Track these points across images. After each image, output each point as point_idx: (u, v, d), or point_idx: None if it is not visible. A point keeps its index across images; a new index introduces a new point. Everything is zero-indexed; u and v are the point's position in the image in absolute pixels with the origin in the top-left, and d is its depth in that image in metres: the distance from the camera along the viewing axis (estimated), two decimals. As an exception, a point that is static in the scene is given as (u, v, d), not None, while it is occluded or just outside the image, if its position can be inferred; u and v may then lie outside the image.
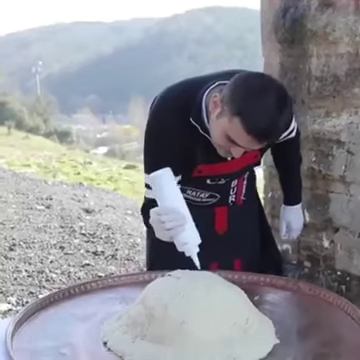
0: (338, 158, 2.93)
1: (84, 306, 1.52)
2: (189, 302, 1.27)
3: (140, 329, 1.29)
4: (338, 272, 3.09)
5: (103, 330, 1.37)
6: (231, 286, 1.39)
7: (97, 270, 3.66)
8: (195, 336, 1.24)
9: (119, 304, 1.54)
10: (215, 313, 1.27)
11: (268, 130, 1.42)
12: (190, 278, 1.35)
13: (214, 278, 1.38)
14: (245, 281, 1.67)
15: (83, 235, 4.41)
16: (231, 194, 1.79)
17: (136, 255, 3.93)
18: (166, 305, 1.27)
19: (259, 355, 1.25)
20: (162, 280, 1.37)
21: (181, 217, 1.41)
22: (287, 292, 1.60)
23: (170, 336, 1.24)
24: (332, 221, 3.02)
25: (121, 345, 1.28)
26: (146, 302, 1.31)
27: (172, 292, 1.29)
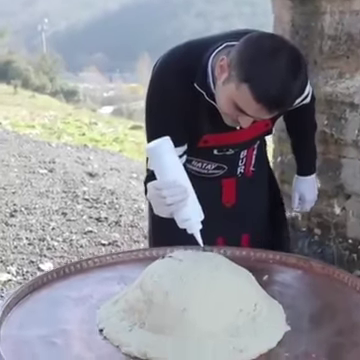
0: (351, 122, 2.79)
1: (79, 287, 1.41)
2: (191, 288, 1.16)
3: (138, 316, 1.18)
4: (349, 240, 2.99)
5: (99, 316, 1.26)
6: (237, 268, 1.27)
7: (100, 237, 3.56)
8: (198, 325, 1.13)
9: (117, 284, 1.43)
10: (220, 300, 1.15)
11: (280, 98, 1.28)
12: (192, 261, 1.23)
13: (219, 260, 1.26)
14: (253, 258, 1.56)
15: (86, 200, 4.30)
16: (240, 165, 1.67)
17: (140, 221, 3.83)
18: (167, 291, 1.15)
19: (268, 345, 1.14)
20: (162, 263, 1.25)
21: (182, 191, 1.29)
22: (298, 271, 1.48)
23: (171, 325, 1.13)
24: (344, 187, 2.91)
25: (118, 333, 1.18)
26: (145, 287, 1.20)
27: (173, 277, 1.18)
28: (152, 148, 1.31)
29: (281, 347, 1.14)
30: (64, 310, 1.30)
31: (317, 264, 1.48)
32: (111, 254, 1.58)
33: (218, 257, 1.27)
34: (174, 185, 1.28)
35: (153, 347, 1.11)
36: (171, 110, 1.46)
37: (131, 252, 1.60)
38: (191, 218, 1.31)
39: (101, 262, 1.54)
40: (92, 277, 1.48)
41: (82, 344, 1.17)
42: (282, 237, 1.82)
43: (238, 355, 1.10)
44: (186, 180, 1.32)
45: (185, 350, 1.10)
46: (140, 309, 1.18)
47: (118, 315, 1.23)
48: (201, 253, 1.29)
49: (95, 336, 1.20)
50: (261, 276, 1.43)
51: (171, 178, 1.29)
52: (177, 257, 1.25)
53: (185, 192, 1.28)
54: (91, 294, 1.38)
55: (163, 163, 1.30)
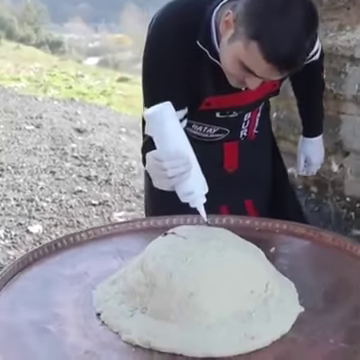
0: (351, 76, 2.68)
1: (73, 263, 1.31)
2: (198, 270, 1.05)
3: (139, 300, 1.08)
4: (347, 198, 2.91)
5: (96, 297, 1.16)
6: (246, 245, 1.17)
7: (90, 197, 3.44)
8: (206, 311, 1.03)
9: (114, 259, 1.33)
10: (229, 282, 1.05)
11: (293, 57, 1.15)
12: (198, 238, 1.12)
13: (225, 236, 1.15)
14: (258, 228, 1.46)
15: (75, 158, 4.16)
16: (243, 128, 1.55)
17: (131, 180, 3.71)
18: (171, 273, 1.05)
19: (281, 330, 1.04)
20: (164, 241, 1.15)
21: (185, 162, 1.17)
22: (307, 242, 1.39)
23: (176, 310, 1.03)
24: (342, 144, 2.81)
25: (117, 319, 1.08)
26: (146, 268, 1.09)
27: (177, 257, 1.07)
28: (152, 114, 1.19)
29: (295, 332, 1.05)
30: (57, 291, 1.20)
31: (327, 235, 1.38)
32: (106, 225, 1.48)
33: (224, 233, 1.17)
34: (176, 156, 1.16)
35: (157, 335, 1.01)
36: (171, 71, 1.33)
37: (127, 223, 1.49)
38: (194, 191, 1.20)
39: (95, 234, 1.43)
40: (86, 251, 1.37)
41: (78, 331, 1.07)
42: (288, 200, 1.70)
43: (249, 343, 1.00)
44: (189, 150, 1.20)
45: (193, 339, 1.00)
46: (141, 292, 1.08)
47: (117, 298, 1.12)
48: (206, 229, 1.18)
49: (92, 321, 1.10)
50: (268, 248, 1.34)
51: (173, 148, 1.17)
52: (180, 234, 1.14)
53: (188, 163, 1.17)
54: (86, 271, 1.28)
55: (164, 131, 1.18)
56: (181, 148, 1.18)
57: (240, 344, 1.00)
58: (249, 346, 1.00)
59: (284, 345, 1.02)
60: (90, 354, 1.00)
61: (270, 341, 1.01)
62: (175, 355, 0.99)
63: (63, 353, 1.01)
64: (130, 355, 1.00)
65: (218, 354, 0.98)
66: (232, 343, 1.00)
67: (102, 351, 1.01)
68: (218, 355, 0.98)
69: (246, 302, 1.05)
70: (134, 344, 1.02)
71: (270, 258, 1.25)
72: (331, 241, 1.36)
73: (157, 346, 1.00)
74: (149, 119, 1.20)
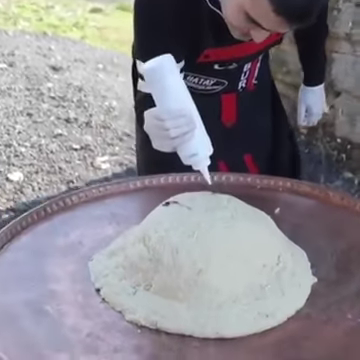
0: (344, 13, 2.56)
1: (65, 231, 1.22)
2: (206, 245, 0.97)
3: (143, 276, 1.00)
4: (338, 140, 2.84)
5: (93, 271, 1.08)
6: (255, 213, 1.09)
7: (71, 141, 3.31)
8: (216, 288, 0.95)
9: (109, 225, 1.25)
10: (240, 256, 0.98)
11: (306, 9, 1.04)
12: (203, 208, 1.04)
13: (232, 205, 1.07)
14: (260, 186, 1.38)
15: (52, 99, 4.00)
16: (242, 79, 1.44)
17: (112, 122, 3.57)
18: (177, 249, 0.97)
19: (296, 305, 0.98)
20: (166, 211, 1.06)
21: (189, 121, 1.07)
22: (313, 202, 1.32)
23: (184, 289, 0.96)
24: (334, 84, 2.71)
25: (119, 296, 1.00)
26: (149, 242, 1.01)
27: (182, 231, 0.99)
28: (151, 69, 1.07)
29: (309, 306, 0.98)
30: (51, 264, 1.12)
31: (335, 194, 1.30)
32: (97, 186, 1.38)
33: (231, 201, 1.08)
34: (179, 114, 1.05)
35: (165, 315, 0.94)
36: (167, 19, 1.20)
37: (120, 183, 1.40)
38: (198, 153, 1.10)
39: (87, 197, 1.34)
40: (79, 217, 1.28)
41: (78, 310, 0.99)
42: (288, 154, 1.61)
43: (264, 321, 0.94)
44: (193, 107, 1.10)
45: (203, 318, 0.93)
46: (144, 268, 1.00)
47: (117, 272, 1.05)
48: (210, 196, 1.09)
49: (92, 299, 1.02)
50: (272, 209, 1.27)
51: (175, 106, 1.07)
52: (184, 203, 1.05)
53: (192, 122, 1.07)
54: (80, 240, 1.19)
55: (166, 87, 1.06)
56: (184, 106, 1.08)
57: (254, 323, 0.93)
58: (263, 325, 0.93)
59: (299, 322, 0.95)
60: (93, 337, 0.93)
61: (285, 318, 0.95)
62: (184, 336, 0.92)
63: (64, 337, 0.93)
64: (136, 337, 0.93)
65: (230, 334, 0.92)
66: (245, 322, 0.93)
67: (105, 333, 0.94)
68: (230, 335, 0.92)
69: (258, 277, 0.98)
70: (139, 324, 0.95)
71: (275, 220, 1.18)
72: (339, 200, 1.28)
73: (164, 327, 0.93)
74: (148, 74, 1.09)
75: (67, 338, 0.92)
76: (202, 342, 0.91)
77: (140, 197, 1.38)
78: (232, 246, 0.97)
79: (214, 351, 0.90)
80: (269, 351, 0.90)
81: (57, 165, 2.95)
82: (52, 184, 2.70)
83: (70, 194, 1.34)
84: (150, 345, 0.92)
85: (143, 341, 0.92)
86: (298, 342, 0.91)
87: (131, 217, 1.27)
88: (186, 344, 0.91)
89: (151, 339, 0.93)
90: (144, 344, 0.92)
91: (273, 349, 0.90)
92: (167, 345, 0.91)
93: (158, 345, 0.92)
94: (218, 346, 0.91)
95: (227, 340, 0.92)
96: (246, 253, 0.98)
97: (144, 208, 1.37)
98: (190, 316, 0.93)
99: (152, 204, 1.35)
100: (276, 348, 0.90)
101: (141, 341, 0.92)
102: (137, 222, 1.22)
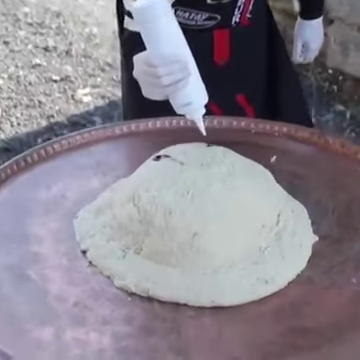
0: None
1: (47, 183, 1.14)
2: (201, 205, 0.89)
3: (132, 239, 0.93)
4: (329, 70, 2.74)
5: (79, 230, 1.00)
6: (252, 167, 1.01)
7: (50, 72, 3.16)
8: (212, 253, 0.89)
9: (94, 176, 1.16)
10: (237, 217, 0.91)
11: None
12: (197, 164, 0.95)
13: (229, 159, 0.98)
14: (254, 130, 1.29)
15: (30, 25, 3.79)
16: (235, 13, 1.32)
17: (94, 50, 3.40)
18: (170, 211, 0.89)
19: (297, 268, 0.91)
20: (157, 167, 0.97)
21: (183, 67, 0.97)
22: (311, 149, 1.24)
23: (177, 253, 0.89)
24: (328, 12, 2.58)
25: (107, 259, 0.93)
26: (139, 202, 0.93)
27: (175, 190, 0.91)
28: (142, 8, 0.96)
29: (311, 269, 0.92)
30: (33, 221, 1.04)
31: (335, 141, 1.22)
32: (81, 132, 1.28)
33: (227, 155, 0.99)
34: (173, 60, 0.96)
35: (157, 282, 0.87)
36: None
37: (106, 128, 1.30)
38: (193, 102, 1.01)
39: (70, 144, 1.25)
40: (61, 167, 1.19)
41: (63, 276, 0.92)
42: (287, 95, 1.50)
43: (263, 287, 0.88)
44: (187, 52, 1.00)
45: (198, 285, 0.87)
46: (134, 230, 0.92)
47: (104, 233, 0.97)
48: (205, 149, 1.01)
49: (78, 262, 0.95)
50: (268, 157, 1.19)
51: (169, 50, 0.97)
52: (176, 158, 0.97)
53: (186, 69, 0.97)
54: (63, 193, 1.11)
55: (158, 29, 0.96)
56: (178, 50, 0.98)
57: (252, 289, 0.87)
58: (262, 291, 0.87)
59: (300, 287, 0.89)
60: (80, 306, 0.86)
61: (286, 283, 0.89)
62: (178, 304, 0.86)
63: (48, 307, 0.86)
64: (126, 305, 0.87)
65: (228, 302, 0.86)
66: (243, 289, 0.87)
67: (93, 301, 0.87)
68: (227, 304, 0.86)
69: (257, 239, 0.92)
70: (129, 291, 0.88)
71: (272, 171, 1.11)
72: (339, 148, 1.21)
73: (157, 294, 0.87)
74: (138, 13, 0.98)
75: (52, 308, 0.86)
76: (197, 311, 0.86)
77: (127, 144, 1.29)
78: (230, 206, 0.90)
79: (210, 321, 0.85)
80: (268, 320, 0.84)
81: (36, 98, 2.81)
82: (31, 119, 2.59)
83: (52, 142, 1.25)
84: (142, 315, 0.86)
85: (134, 310, 0.86)
86: (299, 309, 0.85)
87: (118, 167, 1.18)
88: (180, 313, 0.85)
89: (142, 308, 0.87)
90: (135, 314, 0.85)
91: (273, 317, 0.85)
92: (160, 315, 0.85)
93: (150, 315, 0.86)
94: (214, 315, 0.85)
95: (224, 308, 0.86)
96: (244, 213, 0.91)
97: (131, 156, 1.29)
98: (184, 283, 0.87)
99: (140, 152, 1.27)
100: (276, 316, 0.85)
101: (132, 310, 0.86)
102: (124, 173, 1.15)
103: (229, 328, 0.83)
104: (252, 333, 0.82)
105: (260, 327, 0.83)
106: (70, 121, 2.54)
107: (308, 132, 1.26)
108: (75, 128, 2.45)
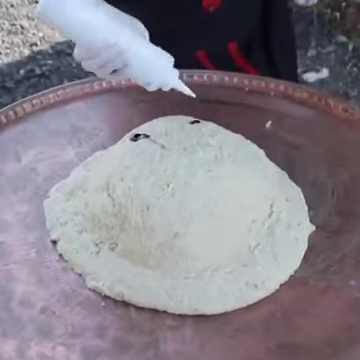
0: None
1: (16, 152, 1.03)
2: (184, 200, 0.79)
3: (107, 233, 0.83)
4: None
5: (49, 215, 0.90)
6: (243, 147, 0.89)
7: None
8: (195, 255, 0.79)
9: (69, 144, 1.05)
10: (224, 213, 0.80)
11: None
12: (180, 147, 0.83)
13: (216, 140, 0.85)
14: (248, 88, 1.16)
15: None
16: None
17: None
18: (147, 206, 0.78)
19: (291, 268, 0.82)
20: (136, 149, 0.85)
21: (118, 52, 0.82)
22: (310, 113, 1.11)
23: (156, 255, 0.79)
24: None
25: (79, 255, 0.83)
26: (113, 192, 0.82)
27: (155, 182, 0.79)
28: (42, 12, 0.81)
29: (306, 268, 0.83)
30: None
31: (337, 104, 1.10)
32: (56, 89, 1.15)
33: (215, 134, 0.87)
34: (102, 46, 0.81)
35: (133, 285, 0.78)
36: None
37: (82, 85, 1.17)
38: (151, 81, 0.87)
39: (42, 104, 1.12)
40: (32, 132, 1.07)
41: (30, 273, 0.82)
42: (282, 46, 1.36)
43: (252, 293, 0.78)
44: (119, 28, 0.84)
45: (179, 291, 0.77)
46: (109, 224, 0.82)
47: (77, 221, 0.87)
48: (190, 128, 0.88)
49: (47, 255, 0.85)
50: (262, 122, 1.08)
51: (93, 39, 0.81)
52: (156, 140, 0.85)
53: (122, 52, 0.82)
54: (34, 166, 1.00)
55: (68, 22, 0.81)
56: (104, 34, 0.82)
57: (241, 295, 0.78)
58: (251, 297, 0.78)
59: (293, 290, 0.80)
60: (48, 313, 0.77)
61: (277, 286, 0.80)
62: (157, 311, 0.77)
63: (12, 314, 0.77)
64: (99, 312, 0.78)
65: (212, 310, 0.77)
66: (230, 295, 0.78)
67: (62, 306, 0.78)
68: (212, 312, 0.77)
69: (247, 237, 0.81)
70: (103, 294, 0.79)
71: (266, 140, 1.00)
72: (341, 113, 1.08)
73: (133, 300, 0.78)
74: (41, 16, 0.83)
75: (16, 316, 0.77)
76: (177, 320, 0.77)
77: (106, 103, 1.17)
78: (215, 201, 0.79)
79: (191, 333, 0.75)
80: (257, 332, 0.75)
81: (18, 23, 2.62)
82: (13, 47, 2.42)
83: (22, 102, 1.12)
84: (116, 324, 0.77)
85: (108, 319, 0.77)
86: (291, 320, 0.77)
87: (95, 134, 1.07)
88: (159, 323, 0.76)
89: (117, 316, 0.78)
90: (108, 323, 0.77)
91: (262, 329, 0.76)
92: (136, 325, 0.76)
93: (125, 325, 0.77)
94: (196, 325, 0.76)
95: (207, 317, 0.77)
96: (233, 208, 0.80)
97: (111, 119, 1.17)
98: (163, 287, 0.78)
99: (120, 113, 1.15)
100: (265, 328, 0.76)
101: (105, 319, 0.77)
102: (102, 142, 1.04)
103: (212, 342, 0.74)
104: (238, 349, 0.74)
105: (247, 342, 0.74)
106: (55, 50, 2.36)
107: (307, 93, 1.13)
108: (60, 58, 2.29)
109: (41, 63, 2.29)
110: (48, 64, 2.27)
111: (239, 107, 1.12)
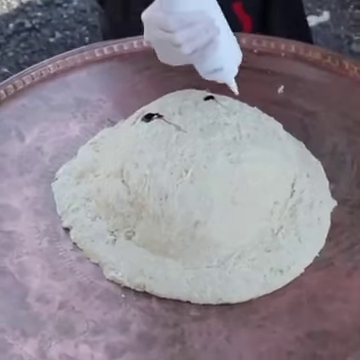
0: None
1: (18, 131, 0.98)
2: (204, 187, 0.75)
3: (123, 221, 0.79)
4: None
5: (59, 200, 0.86)
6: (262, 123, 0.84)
7: None
8: (218, 242, 0.75)
9: (73, 119, 1.00)
10: (246, 198, 0.76)
11: None
12: (197, 128, 0.79)
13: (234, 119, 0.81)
14: (257, 49, 1.11)
15: None
16: None
17: None
18: (166, 195, 0.74)
19: (316, 250, 0.79)
20: (149, 131, 0.80)
21: (209, 27, 0.75)
22: (323, 74, 1.06)
23: (177, 244, 0.76)
24: None
25: (94, 243, 0.80)
26: (128, 179, 0.78)
27: (172, 167, 0.75)
28: None
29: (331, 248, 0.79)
30: (4, 187, 0.89)
31: (351, 65, 1.05)
32: (55, 59, 1.09)
33: (232, 111, 0.82)
34: (195, 19, 0.74)
35: (154, 276, 0.75)
36: None
37: (82, 52, 1.10)
38: (223, 66, 0.80)
39: (42, 75, 1.06)
40: (34, 107, 1.02)
41: (44, 265, 0.79)
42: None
43: (278, 278, 0.76)
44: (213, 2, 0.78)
45: (202, 281, 0.74)
46: (125, 212, 0.78)
47: (89, 207, 0.83)
48: (204, 106, 0.83)
49: (60, 244, 0.82)
50: (274, 87, 1.04)
51: (187, 7, 0.74)
52: (171, 119, 0.80)
53: (213, 28, 0.75)
54: (39, 145, 0.95)
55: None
56: (200, 4, 0.76)
57: (266, 282, 0.75)
58: (276, 283, 0.75)
59: (319, 273, 0.77)
60: (67, 308, 0.74)
61: (302, 270, 0.77)
62: (180, 302, 0.75)
63: (30, 311, 0.74)
64: (120, 305, 0.75)
65: (237, 299, 0.74)
66: (255, 282, 0.75)
67: (82, 300, 0.75)
68: (237, 300, 0.74)
69: (270, 220, 0.78)
70: (122, 285, 0.76)
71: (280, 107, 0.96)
72: (356, 74, 1.04)
73: (155, 291, 0.75)
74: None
75: (35, 313, 0.74)
76: (202, 310, 0.74)
77: (109, 71, 1.11)
78: (237, 186, 0.75)
79: (217, 324, 0.73)
80: (285, 321, 0.73)
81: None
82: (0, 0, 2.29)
83: (20, 74, 1.06)
84: (138, 318, 0.74)
85: (130, 312, 0.74)
86: (319, 305, 0.74)
87: (99, 105, 1.02)
88: (183, 314, 0.74)
89: (139, 308, 0.75)
90: (131, 317, 0.74)
91: (289, 317, 0.73)
92: (160, 318, 0.74)
93: (149, 318, 0.74)
94: (221, 315, 0.74)
95: (233, 306, 0.74)
96: (254, 191, 0.77)
97: (115, 88, 1.11)
98: (186, 278, 0.75)
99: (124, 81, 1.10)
100: (293, 316, 0.73)
101: (127, 312, 0.74)
102: (108, 115, 0.99)
103: (239, 333, 0.72)
104: (266, 339, 0.71)
105: (276, 331, 0.72)
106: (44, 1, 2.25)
107: (320, 53, 1.08)
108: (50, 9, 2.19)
109: (31, 16, 2.19)
110: (38, 16, 2.17)
111: (249, 71, 1.05)
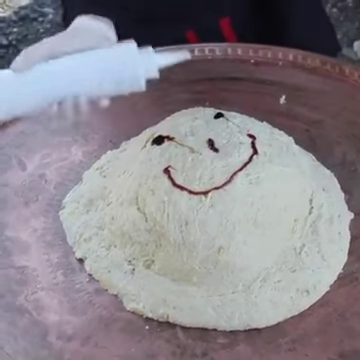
0: None
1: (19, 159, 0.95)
2: (225, 211, 0.72)
3: (140, 249, 0.76)
4: None
5: (69, 230, 0.83)
6: (274, 138, 0.82)
7: None
8: (241, 267, 0.73)
9: (74, 143, 0.98)
10: (267, 219, 0.74)
11: None
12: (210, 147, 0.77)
13: (245, 135, 0.79)
14: (254, 60, 1.09)
15: None
16: None
17: None
18: (186, 221, 0.72)
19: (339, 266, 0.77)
20: (161, 156, 0.77)
21: None
22: (324, 81, 1.05)
23: (200, 271, 0.73)
24: None
25: (112, 275, 0.77)
26: (144, 207, 0.75)
27: (190, 194, 0.73)
28: None
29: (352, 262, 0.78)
30: (11, 220, 0.86)
31: (352, 70, 1.04)
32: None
33: (243, 129, 0.80)
34: None
35: (177, 306, 0.73)
36: None
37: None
38: None
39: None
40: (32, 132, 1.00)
41: (61, 299, 0.76)
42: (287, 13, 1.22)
43: (305, 299, 0.74)
44: None
45: (229, 307, 0.72)
46: (143, 241, 0.76)
47: (103, 236, 0.80)
48: (215, 124, 0.81)
49: (75, 276, 0.79)
50: (275, 98, 1.02)
51: None
52: (183, 141, 0.77)
53: None
54: (42, 173, 0.93)
55: None
56: None
57: (292, 303, 0.73)
58: (304, 303, 0.74)
59: (344, 289, 0.75)
60: (90, 345, 0.72)
61: (327, 288, 0.75)
62: (206, 329, 0.73)
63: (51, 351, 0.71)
64: (144, 338, 0.72)
65: (265, 323, 0.72)
66: (282, 304, 0.73)
67: (104, 335, 0.73)
68: (265, 324, 0.72)
69: (292, 239, 0.76)
70: (144, 316, 0.74)
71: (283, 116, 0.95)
72: (357, 79, 1.03)
73: (179, 321, 0.73)
74: None
75: (57, 352, 0.71)
76: (230, 337, 0.72)
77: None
78: (258, 207, 0.73)
79: (246, 351, 0.71)
80: (315, 342, 0.71)
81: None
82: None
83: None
84: (165, 350, 0.71)
85: (155, 344, 0.72)
86: (349, 324, 0.72)
87: (99, 126, 0.99)
88: (210, 342, 0.72)
89: (165, 339, 0.72)
90: (157, 349, 0.71)
91: (319, 337, 0.71)
92: (187, 347, 0.71)
93: (176, 349, 0.71)
94: (250, 341, 0.71)
95: (261, 331, 0.72)
96: (275, 212, 0.75)
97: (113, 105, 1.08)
98: (211, 305, 0.73)
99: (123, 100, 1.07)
100: (323, 336, 0.72)
101: (152, 344, 0.72)
102: (109, 135, 0.97)
103: (271, 358, 0.70)
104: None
105: (308, 354, 0.70)
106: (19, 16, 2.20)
107: (319, 60, 1.06)
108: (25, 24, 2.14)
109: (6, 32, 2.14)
110: (14, 32, 2.12)
111: (248, 82, 1.05)
